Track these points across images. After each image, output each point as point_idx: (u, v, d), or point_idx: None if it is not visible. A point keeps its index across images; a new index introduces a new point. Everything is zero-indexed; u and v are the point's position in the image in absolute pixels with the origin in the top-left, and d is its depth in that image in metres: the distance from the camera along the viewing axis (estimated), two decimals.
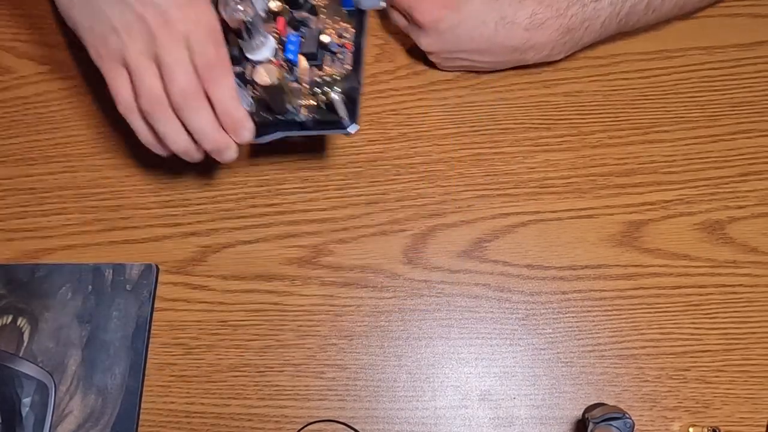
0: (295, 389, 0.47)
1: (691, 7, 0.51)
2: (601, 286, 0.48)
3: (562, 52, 0.49)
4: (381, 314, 0.48)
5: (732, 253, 0.48)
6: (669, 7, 0.49)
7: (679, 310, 0.47)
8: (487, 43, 0.47)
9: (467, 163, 0.51)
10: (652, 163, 0.50)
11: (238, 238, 0.50)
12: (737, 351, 0.46)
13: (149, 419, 0.47)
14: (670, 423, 0.45)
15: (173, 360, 0.48)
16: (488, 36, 0.47)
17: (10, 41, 0.57)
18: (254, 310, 0.49)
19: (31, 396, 0.46)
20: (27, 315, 0.48)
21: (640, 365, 0.46)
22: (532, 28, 0.46)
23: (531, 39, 0.47)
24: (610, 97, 0.52)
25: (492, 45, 0.48)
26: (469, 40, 0.47)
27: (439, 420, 0.46)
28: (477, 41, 0.47)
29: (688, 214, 0.49)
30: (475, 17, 0.46)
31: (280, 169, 0.52)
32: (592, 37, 0.49)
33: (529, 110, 0.52)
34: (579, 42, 0.49)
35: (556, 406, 0.46)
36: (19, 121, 0.55)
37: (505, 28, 0.46)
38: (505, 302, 0.48)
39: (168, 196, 0.52)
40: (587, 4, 0.46)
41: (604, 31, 0.48)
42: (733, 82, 0.52)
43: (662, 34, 0.53)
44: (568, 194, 0.50)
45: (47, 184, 0.53)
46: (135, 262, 0.50)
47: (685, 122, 0.51)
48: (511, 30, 0.46)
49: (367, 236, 0.50)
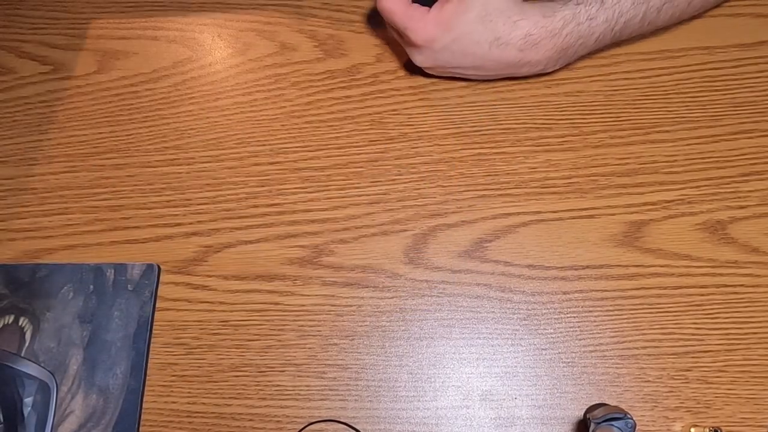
0: (297, 389, 0.47)
1: (687, 16, 0.51)
2: (603, 287, 0.48)
3: (556, 66, 0.49)
4: (382, 314, 0.48)
5: (733, 253, 0.48)
6: (665, 19, 0.49)
7: (681, 311, 0.47)
8: (480, 60, 0.48)
9: (468, 163, 0.51)
10: (653, 163, 0.50)
11: (239, 238, 0.50)
12: (739, 351, 0.46)
13: (151, 419, 0.47)
14: (671, 423, 0.45)
15: (175, 360, 0.48)
16: (481, 55, 0.47)
17: (12, 41, 0.57)
18: (255, 310, 0.49)
19: (33, 396, 0.46)
20: (28, 315, 0.48)
21: (642, 365, 0.46)
22: (526, 48, 0.46)
23: (525, 58, 0.47)
24: (611, 97, 0.52)
25: (485, 62, 0.48)
26: (462, 58, 0.48)
27: (440, 420, 0.46)
28: (470, 59, 0.48)
29: (689, 214, 0.49)
30: (469, 37, 0.46)
31: (282, 169, 0.52)
32: (586, 51, 0.49)
33: (531, 110, 0.52)
34: (573, 56, 0.49)
35: (558, 407, 0.46)
36: (20, 121, 0.55)
37: (498, 48, 0.46)
38: (507, 302, 0.48)
39: (169, 196, 0.52)
40: (582, 22, 0.46)
41: (599, 44, 0.48)
42: (735, 82, 0.52)
43: (664, 34, 0.53)
44: (570, 194, 0.50)
45: (49, 184, 0.53)
46: (136, 261, 0.50)
47: (686, 122, 0.51)
48: (504, 50, 0.46)
49: (368, 236, 0.50)
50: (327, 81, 0.55)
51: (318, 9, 0.57)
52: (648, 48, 0.53)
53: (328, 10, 0.57)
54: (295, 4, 0.57)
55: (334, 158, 0.52)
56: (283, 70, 0.55)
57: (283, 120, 0.54)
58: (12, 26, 0.58)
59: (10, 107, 0.55)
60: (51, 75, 0.56)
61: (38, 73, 0.56)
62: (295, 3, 0.57)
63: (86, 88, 0.56)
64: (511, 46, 0.46)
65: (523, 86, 0.53)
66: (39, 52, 0.57)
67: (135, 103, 0.55)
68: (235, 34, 0.57)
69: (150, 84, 0.56)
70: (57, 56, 0.57)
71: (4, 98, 0.56)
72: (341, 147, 0.52)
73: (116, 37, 0.57)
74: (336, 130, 0.53)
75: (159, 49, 0.57)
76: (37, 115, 0.55)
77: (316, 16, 0.57)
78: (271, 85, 0.55)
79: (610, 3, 0.45)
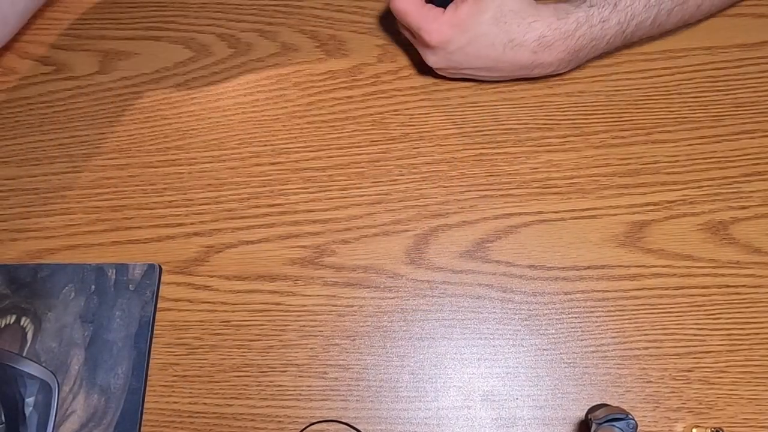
0: (298, 389, 0.47)
1: (695, 20, 0.51)
2: (604, 287, 0.48)
3: (567, 68, 0.50)
4: (384, 314, 0.48)
5: (735, 253, 0.48)
6: (674, 21, 0.49)
7: (683, 311, 0.47)
8: (494, 62, 0.48)
9: (470, 163, 0.51)
10: (655, 163, 0.50)
11: (240, 239, 0.50)
12: (740, 352, 0.46)
13: (152, 419, 0.47)
14: (673, 424, 0.45)
15: (176, 360, 0.48)
16: (495, 57, 0.47)
17: (13, 42, 0.57)
18: (257, 311, 0.49)
19: (35, 396, 0.46)
20: (30, 315, 0.48)
21: (644, 366, 0.46)
22: (539, 50, 0.46)
23: (537, 59, 0.47)
24: (613, 98, 0.52)
25: (499, 63, 0.48)
26: (476, 60, 0.48)
27: (441, 420, 0.46)
28: (484, 60, 0.48)
29: (691, 214, 0.49)
30: (483, 39, 0.46)
31: (283, 169, 0.52)
32: (597, 53, 0.49)
33: (533, 110, 0.52)
34: (584, 58, 0.49)
35: (559, 407, 0.46)
36: (22, 121, 0.55)
37: (513, 50, 0.46)
38: (508, 303, 0.48)
39: (171, 196, 0.52)
40: (595, 24, 0.46)
41: (609, 47, 0.48)
42: (737, 83, 0.52)
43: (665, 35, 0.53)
44: (571, 194, 0.50)
45: (51, 184, 0.53)
46: (138, 262, 0.50)
47: (688, 122, 0.51)
48: (518, 52, 0.46)
49: (369, 236, 0.50)
50: (328, 81, 0.55)
51: (319, 9, 0.57)
52: (650, 48, 0.53)
53: (330, 11, 0.57)
54: (297, 5, 0.57)
55: (335, 158, 0.52)
56: (285, 70, 0.55)
57: (284, 120, 0.54)
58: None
59: (12, 107, 0.55)
60: (53, 75, 0.56)
61: (40, 74, 0.56)
62: (297, 3, 0.57)
63: (88, 88, 0.56)
64: (525, 48, 0.46)
65: (524, 86, 0.52)
66: (41, 53, 0.57)
67: (137, 104, 0.55)
68: (237, 34, 0.57)
69: (152, 84, 0.56)
70: (59, 56, 0.57)
71: (6, 98, 0.56)
72: (343, 147, 0.52)
73: (118, 37, 0.57)
74: (338, 131, 0.53)
75: (161, 50, 0.57)
76: (38, 116, 0.55)
77: (318, 17, 0.57)
78: (273, 85, 0.55)
79: (623, 5, 0.45)
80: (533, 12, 0.46)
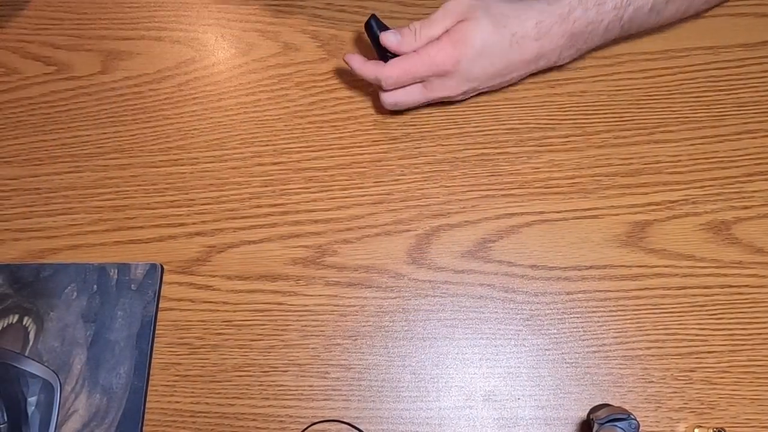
0: (300, 389, 0.47)
1: (694, 10, 0.51)
2: (606, 287, 0.48)
3: (567, 58, 0.50)
4: (385, 314, 0.48)
5: (738, 253, 0.48)
6: (672, 11, 0.49)
7: (685, 311, 0.47)
8: (505, 62, 0.48)
9: (472, 163, 0.51)
10: (657, 163, 0.50)
11: (242, 238, 0.50)
12: (743, 352, 0.46)
13: (154, 418, 0.47)
14: (675, 424, 0.45)
15: (178, 359, 0.48)
16: (505, 57, 0.48)
17: (16, 42, 0.57)
18: (259, 310, 0.49)
19: (37, 395, 0.46)
20: (32, 314, 0.49)
21: (645, 366, 0.46)
22: (541, 37, 0.47)
23: (542, 48, 0.47)
24: (614, 97, 0.52)
25: (509, 63, 0.48)
26: (490, 67, 0.48)
27: (443, 420, 0.46)
28: (497, 66, 0.48)
29: (693, 214, 0.49)
30: (490, 43, 0.46)
31: (285, 169, 0.52)
32: (595, 41, 0.49)
33: (534, 110, 0.52)
34: (584, 46, 0.49)
35: (561, 407, 0.46)
36: (25, 121, 0.55)
37: (518, 45, 0.47)
38: (510, 302, 0.48)
39: (173, 196, 0.52)
40: (590, 8, 0.46)
41: (608, 35, 0.48)
42: (739, 82, 0.52)
43: (667, 34, 0.53)
44: (573, 194, 0.50)
45: (53, 184, 0.53)
46: (140, 261, 0.50)
47: (690, 122, 0.51)
48: (523, 44, 0.47)
49: (371, 236, 0.50)
50: (330, 81, 0.55)
51: (321, 9, 0.57)
52: (651, 48, 0.53)
53: (331, 11, 0.57)
54: (298, 5, 0.57)
55: (337, 158, 0.52)
56: (287, 70, 0.55)
57: (286, 120, 0.54)
58: (16, 27, 0.58)
59: (14, 107, 0.56)
60: (55, 75, 0.56)
61: (42, 74, 0.56)
62: (298, 3, 0.57)
63: (90, 88, 0.56)
64: (528, 38, 0.47)
65: (526, 86, 0.52)
66: (43, 53, 0.57)
67: (139, 104, 0.55)
68: (239, 34, 0.57)
69: (154, 84, 0.56)
70: (61, 57, 0.57)
71: (8, 99, 0.56)
72: (344, 147, 0.52)
73: (120, 37, 0.57)
74: (339, 130, 0.53)
75: (163, 50, 0.57)
76: (41, 116, 0.55)
77: (319, 17, 0.57)
78: (275, 85, 0.55)
79: None
80: (524, 6, 0.47)
